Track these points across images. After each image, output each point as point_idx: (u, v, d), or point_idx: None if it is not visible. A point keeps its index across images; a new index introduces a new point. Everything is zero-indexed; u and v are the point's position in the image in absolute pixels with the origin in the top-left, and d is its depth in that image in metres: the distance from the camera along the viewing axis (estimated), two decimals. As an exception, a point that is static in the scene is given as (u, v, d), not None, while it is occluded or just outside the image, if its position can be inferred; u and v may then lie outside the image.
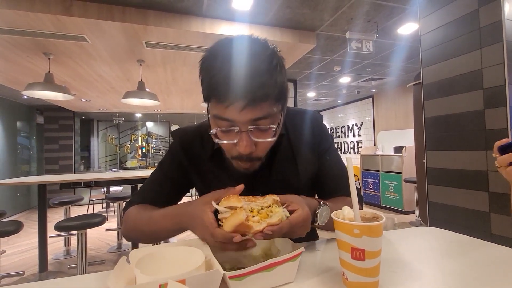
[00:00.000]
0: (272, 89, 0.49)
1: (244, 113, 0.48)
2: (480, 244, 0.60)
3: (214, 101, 0.50)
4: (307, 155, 0.68)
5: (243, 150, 0.51)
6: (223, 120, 0.50)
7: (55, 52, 2.82)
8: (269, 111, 0.50)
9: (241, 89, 0.46)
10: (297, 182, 0.66)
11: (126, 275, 0.41)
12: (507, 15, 1.28)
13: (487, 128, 1.34)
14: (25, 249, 3.34)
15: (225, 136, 0.53)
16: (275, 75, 0.49)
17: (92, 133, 8.31)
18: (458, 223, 1.49)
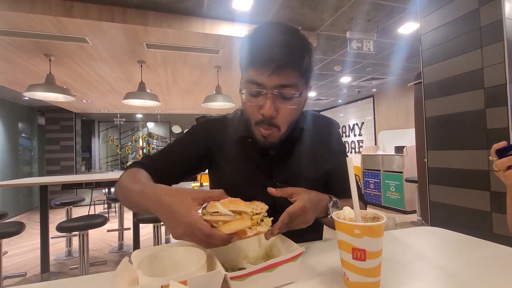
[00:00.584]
0: (299, 61, 0.57)
1: (271, 78, 0.55)
2: (481, 244, 0.60)
3: (249, 66, 0.57)
4: (323, 153, 0.72)
5: (266, 112, 0.56)
6: (253, 84, 0.57)
7: (56, 54, 2.83)
8: (294, 81, 0.57)
9: (272, 55, 0.54)
10: (311, 174, 0.70)
11: (129, 276, 0.42)
12: (507, 14, 1.28)
13: (488, 127, 1.34)
14: (27, 250, 3.35)
15: (253, 99, 0.59)
16: (304, 53, 0.58)
17: (93, 134, 8.33)
18: (459, 222, 1.49)
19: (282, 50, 0.54)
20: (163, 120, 9.02)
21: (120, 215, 3.41)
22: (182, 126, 8.87)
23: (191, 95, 5.07)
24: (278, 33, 0.57)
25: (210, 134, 0.72)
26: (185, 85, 4.33)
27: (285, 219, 0.49)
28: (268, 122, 0.58)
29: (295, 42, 0.57)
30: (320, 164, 0.72)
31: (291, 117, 0.61)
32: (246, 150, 0.68)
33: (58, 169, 6.09)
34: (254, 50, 0.56)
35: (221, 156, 0.71)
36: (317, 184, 0.71)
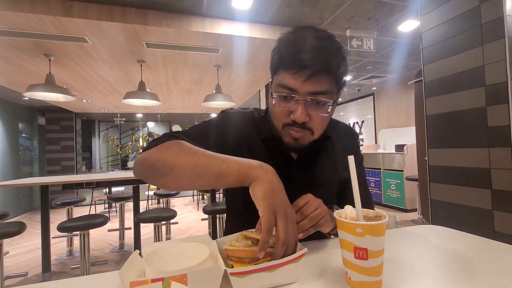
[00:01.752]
0: (335, 69, 0.55)
1: (306, 84, 0.54)
2: (483, 242, 0.60)
3: (282, 69, 0.56)
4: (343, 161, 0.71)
5: (298, 118, 0.55)
6: (286, 88, 0.56)
7: (56, 54, 2.83)
8: (328, 88, 0.56)
9: (308, 61, 0.53)
10: (330, 182, 0.70)
11: (137, 267, 0.43)
12: (508, 11, 1.27)
13: (489, 125, 1.33)
14: (28, 250, 3.36)
15: (284, 103, 0.57)
16: (340, 61, 0.56)
17: (94, 133, 8.33)
18: (460, 221, 1.48)
19: (319, 56, 0.53)
20: (164, 120, 9.02)
21: (120, 215, 3.42)
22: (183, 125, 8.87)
23: (191, 94, 5.07)
24: (315, 38, 0.55)
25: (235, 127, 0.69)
26: (185, 84, 4.33)
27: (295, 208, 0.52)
28: (300, 126, 0.57)
29: (332, 48, 0.56)
30: (339, 173, 0.71)
31: (323, 124, 0.60)
32: (270, 151, 0.67)
33: (59, 169, 6.10)
34: (290, 54, 0.55)
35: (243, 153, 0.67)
36: (333, 191, 0.71)
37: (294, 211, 0.48)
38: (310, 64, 0.53)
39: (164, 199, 3.94)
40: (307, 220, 0.53)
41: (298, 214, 0.53)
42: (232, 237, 0.51)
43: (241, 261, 0.44)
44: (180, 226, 4.07)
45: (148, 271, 0.39)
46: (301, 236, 0.52)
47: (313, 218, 0.53)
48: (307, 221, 0.53)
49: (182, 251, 0.46)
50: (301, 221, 0.53)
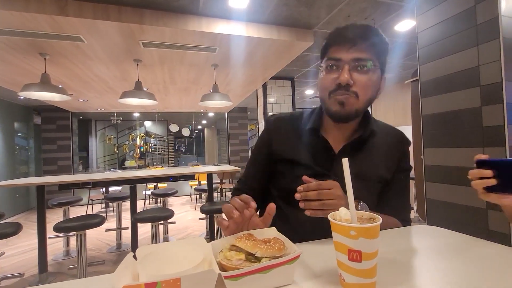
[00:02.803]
0: (376, 42, 0.64)
1: (350, 52, 0.62)
2: (477, 243, 0.61)
3: (330, 46, 0.66)
4: (387, 162, 0.74)
5: (342, 78, 0.62)
6: (332, 60, 0.64)
7: (51, 53, 2.81)
8: (369, 56, 0.63)
9: (351, 35, 0.63)
10: (369, 178, 0.72)
11: (131, 271, 0.43)
12: (503, 12, 1.28)
13: (484, 125, 1.34)
14: (24, 250, 3.34)
15: (330, 73, 0.65)
16: (380, 40, 0.65)
17: (90, 133, 8.29)
18: (456, 219, 1.50)
19: (361, 31, 0.63)
20: (161, 119, 8.98)
21: (118, 215, 3.41)
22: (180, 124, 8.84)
23: (189, 94, 5.05)
24: (359, 25, 0.66)
25: (274, 132, 0.78)
26: (182, 84, 4.31)
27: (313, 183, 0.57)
28: (345, 89, 0.63)
29: (373, 30, 0.65)
30: (379, 171, 0.72)
31: (367, 88, 0.64)
32: (311, 143, 0.73)
33: (55, 168, 6.06)
34: (337, 32, 0.66)
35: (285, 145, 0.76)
36: (372, 188, 0.72)
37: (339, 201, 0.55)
38: (352, 36, 0.62)
39: (162, 198, 3.93)
40: (319, 203, 0.56)
41: (316, 193, 0.56)
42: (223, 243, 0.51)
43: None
44: (177, 226, 4.06)
45: (141, 274, 0.39)
46: (308, 213, 0.57)
47: (324, 204, 0.56)
48: (318, 204, 0.56)
49: (177, 254, 0.46)
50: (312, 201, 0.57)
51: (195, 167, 6.09)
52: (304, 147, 0.74)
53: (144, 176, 3.02)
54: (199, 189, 4.83)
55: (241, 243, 0.46)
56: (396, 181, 0.75)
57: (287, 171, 0.74)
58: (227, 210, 0.54)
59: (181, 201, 6.17)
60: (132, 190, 3.02)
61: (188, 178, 3.22)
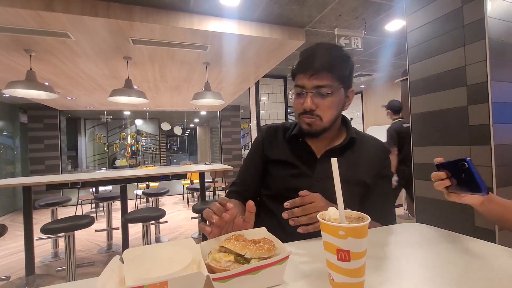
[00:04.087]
0: (335, 68, 0.71)
1: (310, 80, 0.71)
2: (463, 239, 0.62)
3: (296, 73, 0.75)
4: (368, 168, 0.79)
5: (305, 105, 0.72)
6: (297, 87, 0.74)
7: (37, 49, 2.72)
8: (329, 83, 0.71)
9: (312, 63, 0.71)
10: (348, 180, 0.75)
11: (118, 274, 0.42)
12: (489, 13, 1.31)
13: (470, 124, 1.38)
14: (10, 252, 3.25)
15: (298, 98, 0.75)
16: (342, 62, 0.73)
17: (79, 132, 8.11)
18: (443, 216, 1.53)
19: (321, 59, 0.71)
20: (152, 117, 8.86)
21: (108, 215, 3.35)
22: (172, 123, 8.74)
23: (180, 92, 5.00)
24: (323, 47, 0.74)
25: (266, 140, 0.87)
26: (174, 82, 4.26)
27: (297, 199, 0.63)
28: (310, 113, 0.73)
29: (335, 54, 0.73)
30: (359, 175, 0.77)
31: (329, 110, 0.74)
32: (296, 147, 0.81)
33: (43, 168, 5.91)
34: (301, 60, 0.74)
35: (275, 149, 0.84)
36: (352, 191, 0.76)
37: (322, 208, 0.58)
38: (312, 65, 0.71)
39: (153, 198, 3.89)
40: (306, 218, 0.61)
41: (301, 209, 0.62)
42: (212, 244, 0.50)
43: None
44: (169, 225, 4.03)
45: (127, 278, 0.38)
46: (300, 231, 0.61)
47: (311, 218, 0.61)
48: (306, 219, 0.62)
49: (164, 256, 0.45)
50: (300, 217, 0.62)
51: (187, 166, 6.04)
52: (290, 150, 0.82)
53: (135, 175, 2.97)
54: (191, 188, 4.79)
55: (230, 244, 0.46)
56: (379, 187, 0.79)
57: (275, 171, 0.82)
58: (207, 215, 0.56)
59: (173, 201, 6.12)
60: (123, 190, 2.97)
61: (180, 177, 3.19)
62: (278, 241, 0.50)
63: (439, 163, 0.62)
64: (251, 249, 0.44)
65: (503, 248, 0.56)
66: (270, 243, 0.47)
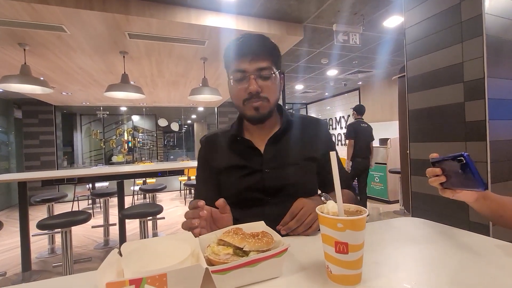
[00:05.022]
0: (272, 52, 0.73)
1: (252, 63, 0.70)
2: (458, 233, 0.63)
3: (234, 59, 0.72)
4: (312, 143, 0.81)
5: (251, 88, 0.70)
6: (238, 72, 0.72)
7: (31, 43, 2.68)
8: (269, 64, 0.72)
9: (251, 47, 0.71)
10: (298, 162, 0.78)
11: (116, 267, 0.42)
12: (487, 10, 1.31)
13: (467, 120, 1.38)
14: (6, 248, 3.23)
15: (240, 83, 0.72)
16: (274, 47, 0.75)
17: (75, 127, 8.03)
18: (439, 211, 1.55)
19: (258, 43, 0.72)
20: (149, 113, 8.80)
21: (105, 211, 3.34)
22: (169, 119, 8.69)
23: (177, 88, 4.96)
24: (253, 35, 0.74)
25: (208, 148, 0.85)
26: (171, 77, 4.23)
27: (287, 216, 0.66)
28: (256, 96, 0.71)
29: (268, 41, 0.74)
30: (307, 153, 0.79)
31: (274, 91, 0.74)
32: (238, 147, 0.79)
33: (38, 164, 5.86)
34: (237, 47, 0.72)
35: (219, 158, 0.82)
36: (305, 170, 0.78)
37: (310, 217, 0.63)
38: (252, 49, 0.71)
39: (150, 194, 3.88)
40: (302, 227, 0.64)
41: (295, 221, 0.64)
42: (211, 237, 0.51)
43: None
44: (167, 221, 4.03)
45: (126, 271, 0.38)
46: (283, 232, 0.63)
47: (307, 224, 0.64)
48: (302, 228, 0.64)
49: (163, 249, 0.45)
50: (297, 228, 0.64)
51: (184, 162, 6.02)
52: (234, 152, 0.80)
53: (132, 171, 2.96)
54: (188, 184, 4.79)
55: (229, 238, 0.46)
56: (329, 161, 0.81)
57: (226, 179, 0.79)
58: (188, 226, 0.56)
59: (171, 197, 6.11)
60: (120, 186, 2.96)
61: (178, 173, 3.18)
62: (276, 234, 0.50)
63: (435, 159, 0.62)
64: (250, 242, 0.44)
65: (497, 241, 0.57)
66: (268, 236, 0.47)
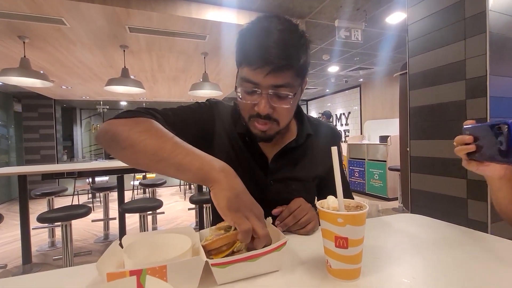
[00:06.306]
0: (295, 62, 0.56)
1: (267, 78, 0.55)
2: (456, 229, 0.63)
3: (244, 65, 0.57)
4: (320, 159, 0.75)
5: (261, 110, 0.57)
6: (249, 83, 0.57)
7: (30, 36, 2.66)
8: (290, 81, 0.57)
9: (268, 56, 0.53)
10: (306, 178, 0.73)
11: (117, 259, 0.42)
12: (491, 6, 1.30)
13: (468, 118, 1.38)
14: (7, 241, 3.25)
15: (248, 97, 0.59)
16: (301, 52, 0.57)
17: (75, 122, 8.02)
18: (438, 208, 1.56)
19: (279, 52, 0.53)
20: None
21: (105, 205, 3.35)
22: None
23: (178, 83, 4.94)
24: (277, 30, 0.55)
25: (218, 117, 0.71)
26: (171, 72, 4.21)
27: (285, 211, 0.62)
28: (265, 117, 0.59)
29: (293, 41, 0.56)
30: (315, 169, 0.74)
31: (287, 114, 0.62)
32: (246, 146, 0.70)
33: (38, 158, 5.86)
34: (252, 49, 0.55)
35: (220, 143, 0.70)
36: (309, 187, 0.74)
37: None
38: (270, 60, 0.53)
39: (150, 189, 3.89)
40: (296, 225, 0.61)
41: (291, 217, 0.61)
42: (206, 232, 0.51)
43: (219, 250, 0.44)
44: (166, 216, 4.04)
45: (127, 262, 0.38)
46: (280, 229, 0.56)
47: (301, 224, 0.61)
48: (296, 226, 0.61)
49: (164, 242, 0.46)
50: (293, 225, 0.61)
51: (184, 157, 6.01)
52: (241, 147, 0.70)
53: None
54: (188, 180, 4.78)
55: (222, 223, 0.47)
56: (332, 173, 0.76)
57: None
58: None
59: (170, 192, 6.13)
60: (120, 180, 2.97)
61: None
62: (273, 228, 0.51)
63: (469, 127, 0.56)
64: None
65: (495, 238, 0.57)
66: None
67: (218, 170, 0.46)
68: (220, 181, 0.45)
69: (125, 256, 0.39)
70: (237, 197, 0.44)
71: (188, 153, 0.47)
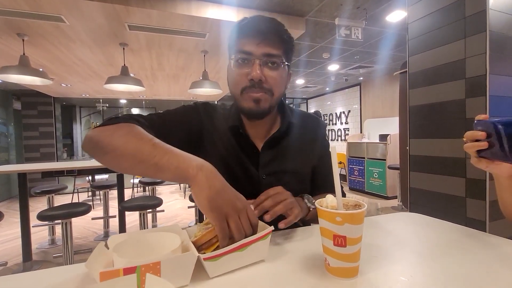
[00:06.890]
0: (284, 37, 0.63)
1: (260, 46, 0.60)
2: (455, 228, 0.64)
3: (240, 38, 0.62)
4: (309, 149, 0.76)
5: (254, 75, 0.60)
6: (242, 53, 0.61)
7: (29, 33, 2.65)
8: (279, 52, 0.62)
9: (261, 28, 0.61)
10: (296, 169, 0.73)
11: (104, 260, 0.42)
12: (491, 5, 1.29)
13: (467, 117, 1.38)
14: (7, 239, 3.25)
15: (241, 67, 0.62)
16: (288, 34, 0.64)
17: (75, 119, 8.01)
18: (436, 207, 1.56)
19: (270, 25, 0.62)
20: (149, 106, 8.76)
21: (105, 203, 3.36)
22: (169, 112, 8.66)
23: (177, 81, 4.94)
24: (268, 17, 0.64)
25: (205, 118, 0.72)
26: (171, 70, 4.20)
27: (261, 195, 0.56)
28: (259, 86, 0.61)
29: (282, 27, 0.64)
30: (306, 160, 0.75)
31: (279, 84, 0.65)
32: (236, 140, 0.70)
33: (38, 156, 5.86)
34: (245, 24, 0.62)
35: (210, 142, 0.70)
36: (302, 178, 0.75)
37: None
38: (263, 30, 0.60)
39: (150, 187, 3.89)
40: (283, 206, 0.55)
41: (270, 200, 0.55)
42: (194, 229, 0.52)
43: (210, 243, 0.45)
44: (166, 214, 4.05)
45: (118, 261, 0.38)
46: (268, 218, 0.52)
47: (287, 205, 0.56)
48: (282, 206, 0.55)
49: (152, 241, 0.46)
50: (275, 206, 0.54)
51: (184, 155, 6.01)
52: (231, 143, 0.70)
53: (132, 164, 2.95)
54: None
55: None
56: (325, 163, 0.77)
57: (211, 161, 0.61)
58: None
59: (170, 190, 6.14)
60: (119, 178, 2.97)
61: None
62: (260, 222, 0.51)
63: (481, 121, 0.51)
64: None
65: (493, 237, 0.57)
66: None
67: (195, 168, 0.45)
68: (198, 180, 0.45)
69: (115, 256, 0.39)
70: (218, 194, 0.44)
71: (166, 153, 0.47)
